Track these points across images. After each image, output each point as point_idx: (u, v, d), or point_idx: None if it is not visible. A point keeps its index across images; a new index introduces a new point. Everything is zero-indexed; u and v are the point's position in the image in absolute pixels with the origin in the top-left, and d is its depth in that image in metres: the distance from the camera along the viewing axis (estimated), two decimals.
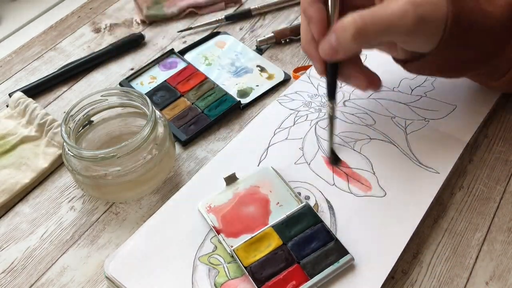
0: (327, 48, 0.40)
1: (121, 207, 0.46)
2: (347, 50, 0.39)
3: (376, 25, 0.38)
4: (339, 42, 0.39)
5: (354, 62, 0.43)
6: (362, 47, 0.41)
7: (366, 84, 0.42)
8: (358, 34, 0.38)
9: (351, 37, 0.38)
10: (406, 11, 0.37)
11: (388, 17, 0.38)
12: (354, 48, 0.40)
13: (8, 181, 0.47)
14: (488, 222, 0.42)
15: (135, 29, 0.66)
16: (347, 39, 0.38)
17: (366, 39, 0.39)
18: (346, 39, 0.38)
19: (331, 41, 0.40)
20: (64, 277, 0.42)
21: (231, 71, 0.58)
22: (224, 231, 0.40)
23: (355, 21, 0.38)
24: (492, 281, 0.39)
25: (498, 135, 0.48)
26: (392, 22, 0.37)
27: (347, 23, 0.38)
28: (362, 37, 0.38)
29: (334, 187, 0.43)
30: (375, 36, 0.38)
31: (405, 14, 0.37)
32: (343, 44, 0.39)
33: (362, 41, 0.39)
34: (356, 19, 0.38)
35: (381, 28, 0.38)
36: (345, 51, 0.40)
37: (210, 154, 0.50)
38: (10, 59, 0.63)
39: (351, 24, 0.38)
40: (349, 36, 0.38)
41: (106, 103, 0.46)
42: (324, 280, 0.37)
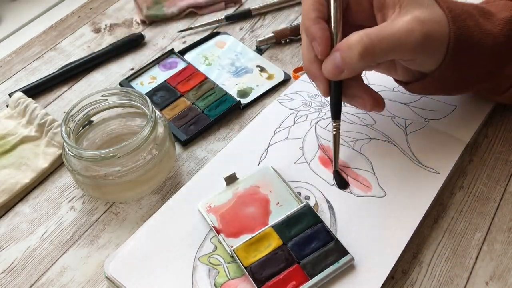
0: (331, 67, 0.39)
1: (121, 207, 0.46)
2: (353, 69, 0.39)
3: (383, 43, 0.37)
4: (345, 61, 0.38)
5: (357, 82, 0.42)
6: (367, 65, 0.40)
7: (371, 104, 0.42)
8: (365, 53, 0.38)
9: (358, 56, 0.38)
10: (413, 28, 0.37)
11: (394, 35, 0.37)
12: (361, 67, 0.40)
13: (8, 181, 0.47)
14: (488, 222, 0.42)
15: (135, 29, 0.66)
16: (354, 57, 0.38)
17: (373, 58, 0.38)
18: (353, 58, 0.38)
19: (335, 60, 0.39)
20: (64, 277, 0.42)
21: (231, 71, 0.58)
22: (224, 231, 0.40)
23: (362, 39, 0.38)
24: (492, 281, 0.39)
25: (498, 135, 0.48)
26: (399, 40, 0.37)
27: (353, 41, 0.38)
28: (369, 56, 0.38)
29: (334, 187, 0.43)
30: (382, 54, 0.38)
31: (412, 32, 0.37)
32: (349, 63, 0.38)
33: (369, 59, 0.38)
34: (363, 37, 0.38)
35: (388, 46, 0.37)
36: (350, 70, 0.39)
37: (210, 154, 0.50)
38: (10, 59, 0.63)
39: (358, 42, 0.38)
40: (356, 55, 0.38)
41: (106, 103, 0.46)
42: (324, 280, 0.37)
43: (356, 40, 0.38)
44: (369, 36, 0.38)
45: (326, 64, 0.40)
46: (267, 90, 0.55)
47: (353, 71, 0.39)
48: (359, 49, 0.37)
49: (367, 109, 0.42)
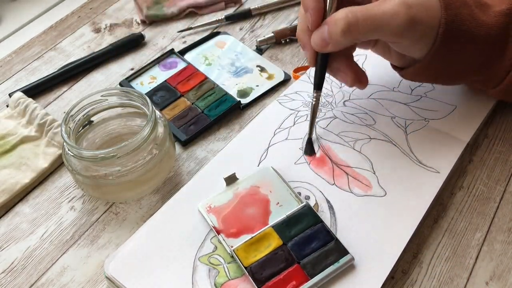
0: (318, 39, 0.41)
1: (121, 207, 0.46)
2: (336, 43, 0.40)
3: (367, 22, 0.38)
4: (330, 35, 0.40)
5: (345, 57, 0.43)
6: (352, 42, 0.41)
7: (352, 80, 0.43)
8: (348, 29, 0.39)
9: (341, 32, 0.39)
10: (398, 11, 0.38)
11: (380, 15, 0.38)
12: (344, 43, 0.40)
13: (8, 181, 0.47)
14: (488, 222, 0.42)
15: (135, 29, 0.66)
16: (337, 33, 0.39)
17: (356, 35, 0.39)
18: (336, 33, 0.39)
19: (323, 33, 0.40)
20: (64, 277, 0.42)
21: (231, 71, 0.58)
22: (224, 231, 0.40)
23: (347, 16, 0.39)
24: (492, 281, 0.39)
25: (498, 135, 0.48)
26: (383, 21, 0.38)
27: (338, 17, 0.39)
28: (351, 33, 0.39)
29: (334, 186, 0.43)
30: (365, 33, 0.39)
31: (397, 14, 0.38)
32: (333, 38, 0.40)
33: (351, 36, 0.39)
34: (348, 14, 0.39)
35: (371, 25, 0.38)
36: (334, 45, 0.40)
37: (210, 154, 0.50)
38: (10, 59, 0.63)
39: (343, 18, 0.39)
40: (339, 30, 0.39)
41: (106, 103, 0.46)
42: (324, 280, 0.37)
43: (341, 16, 0.39)
44: (355, 13, 0.38)
45: (314, 35, 0.41)
46: (267, 90, 0.55)
47: (337, 46, 0.40)
48: (343, 25, 0.39)
49: (348, 83, 0.44)
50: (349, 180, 0.44)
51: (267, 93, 0.55)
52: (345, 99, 0.51)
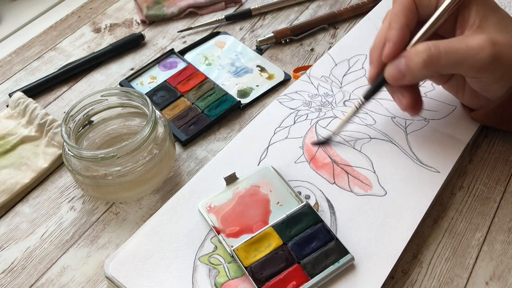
0: (394, 71, 0.40)
1: (121, 207, 0.46)
2: (415, 75, 0.39)
3: (449, 55, 0.38)
4: (409, 67, 0.39)
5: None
6: (430, 75, 0.40)
7: (406, 105, 0.42)
8: (430, 61, 0.38)
9: (422, 63, 0.38)
10: (483, 47, 0.37)
11: (463, 49, 0.38)
12: (422, 75, 0.40)
13: (8, 181, 0.47)
14: (488, 222, 0.42)
15: (135, 29, 0.66)
16: (418, 64, 0.38)
17: (436, 68, 0.39)
18: (416, 64, 0.38)
19: (399, 65, 0.40)
20: (64, 277, 0.42)
21: (231, 71, 0.58)
22: (224, 231, 0.40)
23: (429, 48, 0.38)
24: (492, 281, 0.39)
25: (498, 135, 0.48)
26: (465, 55, 0.38)
27: (420, 49, 0.38)
28: (433, 65, 0.38)
29: (334, 186, 0.43)
30: (447, 66, 0.38)
31: (481, 50, 0.37)
32: (411, 69, 0.39)
33: (433, 68, 0.39)
34: (430, 46, 0.38)
35: (453, 59, 0.38)
36: (412, 76, 0.40)
37: (210, 154, 0.50)
38: (10, 59, 0.63)
39: (425, 50, 0.38)
40: (420, 61, 0.38)
41: (106, 103, 0.46)
42: (324, 280, 0.37)
43: (423, 47, 0.38)
44: (437, 46, 0.38)
45: (390, 67, 0.41)
46: (267, 90, 0.55)
47: (415, 78, 0.40)
48: (424, 56, 0.38)
49: (401, 107, 0.43)
50: (349, 179, 0.44)
51: (267, 93, 0.55)
52: (345, 99, 0.51)
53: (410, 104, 0.42)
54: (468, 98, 0.44)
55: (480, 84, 0.41)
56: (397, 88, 0.43)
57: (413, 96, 0.42)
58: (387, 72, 0.41)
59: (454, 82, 0.45)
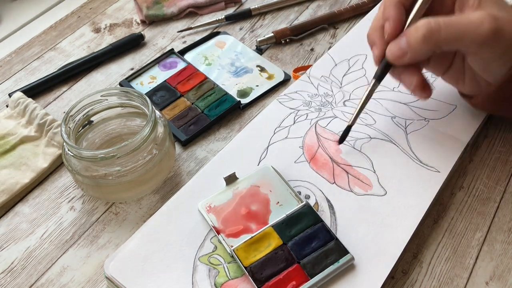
0: (395, 49, 0.40)
1: (121, 207, 0.46)
2: (415, 52, 0.39)
3: (450, 30, 0.38)
4: (409, 43, 0.39)
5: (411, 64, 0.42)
6: (431, 51, 0.40)
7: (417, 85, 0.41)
8: (430, 35, 0.38)
9: (422, 37, 0.38)
10: (483, 21, 0.37)
11: (464, 24, 0.38)
12: (423, 51, 0.39)
13: (8, 181, 0.47)
14: (488, 222, 0.42)
15: (135, 29, 0.66)
16: (418, 39, 0.38)
17: (437, 43, 0.38)
18: (417, 39, 0.38)
19: (400, 43, 0.40)
20: (64, 277, 0.42)
21: (231, 71, 0.58)
22: (224, 231, 0.40)
23: (429, 22, 0.38)
24: (492, 281, 0.39)
25: (498, 135, 0.48)
26: (467, 30, 0.37)
27: (420, 24, 0.38)
28: (433, 39, 0.38)
29: (334, 185, 0.43)
30: (447, 41, 0.38)
31: (481, 24, 0.37)
32: (412, 45, 0.39)
33: (433, 43, 0.38)
34: (430, 21, 0.38)
35: (454, 33, 0.38)
36: (413, 53, 0.39)
37: (210, 154, 0.50)
38: (10, 59, 0.63)
39: (424, 25, 0.38)
40: (420, 36, 0.38)
41: (106, 103, 0.46)
42: (324, 280, 0.37)
43: (423, 23, 0.38)
44: (437, 21, 0.38)
45: (391, 46, 0.41)
46: (267, 90, 0.55)
47: (416, 55, 0.40)
48: (424, 31, 0.38)
49: (411, 88, 0.42)
50: (349, 179, 0.44)
51: (267, 93, 0.55)
52: (345, 99, 0.51)
53: (419, 84, 0.41)
54: (469, 85, 0.44)
55: (481, 63, 0.40)
56: (403, 70, 0.42)
57: (420, 76, 0.41)
58: (389, 51, 0.41)
59: (453, 70, 0.44)
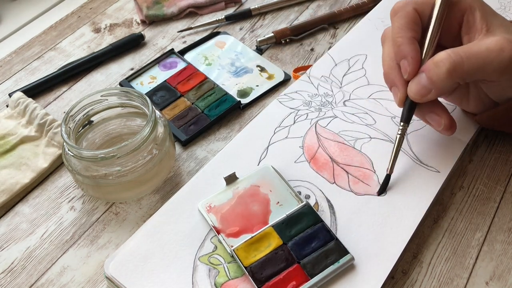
0: (419, 88, 0.39)
1: (121, 207, 0.46)
2: (441, 87, 0.38)
3: (472, 60, 0.37)
4: (432, 80, 0.38)
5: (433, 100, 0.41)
6: (456, 84, 0.39)
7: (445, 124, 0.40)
8: (453, 69, 0.37)
9: (446, 72, 0.37)
10: (503, 47, 0.36)
11: (484, 52, 0.37)
12: (449, 85, 0.38)
13: (8, 181, 0.47)
14: (488, 222, 0.42)
15: (135, 29, 0.66)
16: (441, 74, 0.37)
17: (462, 75, 0.37)
18: (440, 75, 0.37)
19: (421, 80, 0.38)
20: (64, 277, 0.42)
21: (231, 71, 0.58)
22: (224, 231, 0.40)
23: (450, 56, 0.37)
24: (492, 281, 0.39)
25: (498, 135, 0.48)
26: (488, 58, 0.37)
27: (440, 59, 0.37)
28: (457, 72, 0.37)
29: (334, 185, 0.43)
30: (471, 71, 0.37)
31: (502, 50, 0.36)
32: (436, 81, 0.38)
33: (458, 76, 0.37)
34: (450, 54, 0.37)
35: (477, 64, 0.37)
36: (438, 89, 0.38)
37: (210, 154, 0.50)
38: (10, 59, 0.63)
39: (446, 59, 0.37)
40: (444, 72, 0.37)
41: (106, 103, 0.46)
42: (324, 280, 0.37)
43: (443, 57, 0.37)
44: (457, 53, 0.37)
45: (413, 85, 0.39)
46: (267, 90, 0.55)
47: (441, 90, 0.38)
48: (447, 65, 0.37)
49: (440, 127, 0.41)
50: (349, 179, 0.44)
51: (267, 93, 0.55)
52: (345, 99, 0.51)
53: (449, 122, 0.40)
54: (473, 105, 0.44)
55: (498, 88, 0.40)
56: (428, 109, 0.41)
57: (447, 113, 0.40)
58: (411, 91, 0.39)
59: (458, 93, 0.44)
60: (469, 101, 0.44)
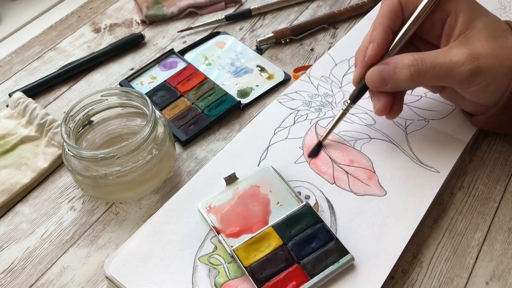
0: (377, 77, 0.41)
1: (121, 207, 0.46)
2: (398, 85, 0.40)
3: (434, 70, 0.39)
4: (394, 77, 0.40)
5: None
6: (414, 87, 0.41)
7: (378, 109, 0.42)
8: (416, 75, 0.39)
9: (410, 76, 0.39)
10: (463, 62, 0.38)
11: (447, 64, 0.39)
12: (406, 87, 0.41)
13: (8, 181, 0.47)
14: (488, 222, 0.42)
15: (135, 29, 0.66)
16: (405, 77, 0.39)
17: (422, 81, 0.40)
18: (403, 77, 0.39)
19: (383, 72, 0.40)
20: (64, 277, 0.42)
21: (231, 71, 0.58)
22: (224, 231, 0.40)
23: (416, 62, 0.39)
24: (492, 281, 0.39)
25: (498, 135, 0.48)
26: (449, 70, 0.39)
27: (407, 63, 0.39)
28: (419, 79, 0.39)
29: (334, 186, 0.43)
30: (431, 80, 0.39)
31: (461, 65, 0.38)
32: (397, 80, 0.40)
33: (418, 82, 0.40)
34: (417, 61, 0.39)
35: (438, 74, 0.39)
36: (395, 86, 0.40)
37: (210, 154, 0.50)
38: (10, 59, 0.63)
39: (413, 65, 0.39)
40: (407, 75, 0.39)
41: (106, 103, 0.46)
42: (324, 280, 0.37)
43: (411, 61, 0.39)
44: (424, 61, 0.39)
45: (373, 72, 0.41)
46: (267, 90, 0.55)
47: (397, 88, 0.41)
48: (412, 71, 0.39)
49: (374, 109, 0.43)
50: (349, 179, 0.44)
51: (267, 93, 0.55)
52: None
53: (382, 108, 0.42)
54: (468, 104, 0.44)
55: (467, 93, 0.42)
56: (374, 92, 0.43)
57: (387, 101, 0.42)
58: (369, 77, 0.41)
59: (449, 91, 0.45)
60: (464, 100, 0.44)
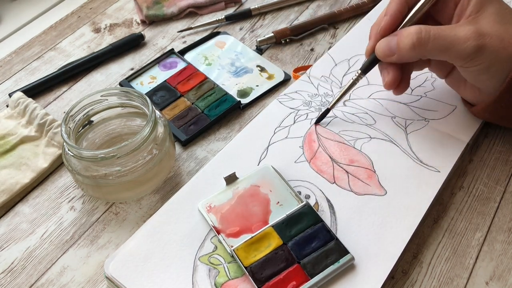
0: (385, 47, 0.42)
1: (121, 207, 0.46)
2: (403, 55, 0.41)
3: (438, 41, 0.39)
4: (398, 46, 0.41)
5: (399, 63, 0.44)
6: (417, 57, 0.41)
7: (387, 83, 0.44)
8: (418, 44, 0.40)
9: (411, 44, 0.40)
10: (468, 38, 0.38)
11: (451, 37, 0.39)
12: (410, 56, 0.41)
13: (8, 181, 0.47)
14: (488, 222, 0.42)
15: (135, 29, 0.66)
16: (407, 45, 0.40)
17: (423, 52, 0.40)
18: (406, 45, 0.40)
19: (391, 42, 0.42)
20: (64, 277, 0.42)
21: (231, 71, 0.58)
22: (224, 231, 0.40)
23: (420, 31, 0.40)
24: (492, 281, 0.39)
25: (498, 135, 0.48)
26: (451, 44, 0.39)
27: (411, 31, 0.40)
28: (421, 47, 0.40)
29: (334, 185, 0.43)
30: (433, 51, 0.40)
31: (466, 40, 0.38)
32: (401, 49, 0.41)
33: (419, 52, 0.40)
34: (421, 30, 0.40)
35: (441, 45, 0.39)
36: (400, 56, 0.41)
37: (210, 154, 0.50)
38: (10, 59, 0.63)
39: (416, 33, 0.40)
40: (410, 43, 0.40)
41: (106, 103, 0.46)
42: (324, 280, 0.37)
43: (414, 30, 0.40)
44: (428, 31, 0.40)
45: (382, 43, 0.42)
46: (267, 90, 0.55)
47: (402, 58, 0.42)
48: (414, 39, 0.40)
49: (383, 83, 0.44)
50: (349, 179, 0.44)
51: (267, 93, 0.55)
52: (345, 99, 0.51)
53: (390, 82, 0.43)
54: (469, 92, 0.45)
55: (469, 74, 0.42)
56: (385, 65, 0.44)
57: (396, 75, 0.43)
58: (378, 47, 0.43)
59: (455, 76, 0.45)
60: (466, 88, 0.45)
